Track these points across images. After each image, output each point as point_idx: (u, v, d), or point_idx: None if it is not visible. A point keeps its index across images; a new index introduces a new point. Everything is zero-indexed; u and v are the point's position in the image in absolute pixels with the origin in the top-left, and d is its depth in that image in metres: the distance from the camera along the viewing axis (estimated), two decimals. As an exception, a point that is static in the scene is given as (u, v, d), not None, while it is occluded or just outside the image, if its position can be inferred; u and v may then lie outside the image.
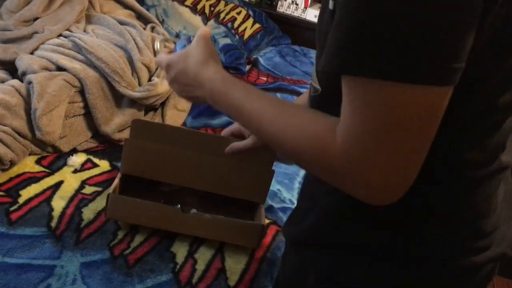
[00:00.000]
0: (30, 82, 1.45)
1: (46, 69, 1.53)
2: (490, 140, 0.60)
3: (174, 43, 0.94)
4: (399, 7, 0.43)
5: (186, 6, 2.53)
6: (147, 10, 2.27)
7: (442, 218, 0.62)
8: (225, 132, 1.06)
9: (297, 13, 2.74)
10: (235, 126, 1.04)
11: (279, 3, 2.76)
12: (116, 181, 1.20)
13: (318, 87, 0.65)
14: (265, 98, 0.63)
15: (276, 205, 1.41)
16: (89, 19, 1.89)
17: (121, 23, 1.89)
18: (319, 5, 2.79)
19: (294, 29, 2.75)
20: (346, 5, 0.47)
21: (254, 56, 2.50)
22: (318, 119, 0.55)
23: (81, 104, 1.53)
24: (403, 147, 0.48)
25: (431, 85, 0.45)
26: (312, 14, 2.71)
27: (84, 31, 1.79)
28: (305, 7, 2.71)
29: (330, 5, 0.55)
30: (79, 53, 1.61)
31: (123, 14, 2.04)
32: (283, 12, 2.77)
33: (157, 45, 0.93)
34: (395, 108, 0.46)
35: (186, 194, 1.28)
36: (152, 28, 2.02)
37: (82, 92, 1.53)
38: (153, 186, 1.27)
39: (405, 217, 0.61)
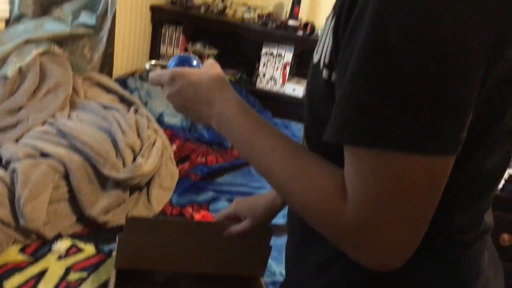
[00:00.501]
0: (14, 170, 1.45)
1: (31, 156, 1.54)
2: (478, 204, 0.61)
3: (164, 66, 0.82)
4: (411, 82, 0.45)
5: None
6: (131, 93, 2.34)
7: (433, 283, 0.62)
8: (218, 216, 1.03)
9: (275, 88, 2.84)
10: (229, 210, 1.02)
11: (258, 79, 2.86)
12: (112, 280, 1.16)
13: (309, 120, 0.66)
14: (279, 138, 0.61)
15: (267, 279, 1.39)
16: (73, 105, 1.94)
17: (105, 107, 1.94)
18: (296, 79, 2.91)
19: (274, 103, 2.84)
20: (354, 77, 0.48)
21: (237, 131, 2.55)
22: (329, 173, 0.55)
23: (66, 189, 1.53)
24: (411, 214, 0.49)
25: (441, 155, 0.47)
26: (290, 88, 2.81)
27: (69, 117, 1.83)
28: (283, 82, 2.82)
29: (324, 75, 0.56)
30: (63, 138, 1.64)
31: (106, 98, 2.10)
32: (262, 87, 2.87)
33: (148, 65, 0.87)
34: (404, 176, 0.47)
35: (181, 279, 1.25)
36: (136, 110, 2.07)
37: (66, 176, 1.54)
38: (146, 274, 1.24)
39: (396, 283, 0.61)
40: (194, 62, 0.77)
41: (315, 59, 0.62)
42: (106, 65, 2.38)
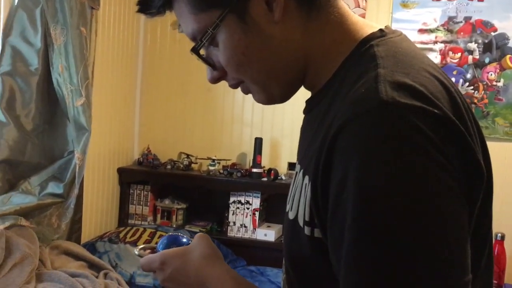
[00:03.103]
0: None
1: None
2: None
3: (153, 249, 0.79)
4: (407, 259, 0.47)
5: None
6: (100, 257, 2.29)
7: None
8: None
9: (247, 235, 2.85)
10: None
11: (229, 228, 2.88)
12: None
13: (291, 273, 0.66)
14: None
15: None
16: (40, 277, 1.88)
17: (73, 275, 1.88)
18: (267, 224, 2.94)
19: (247, 250, 2.82)
20: (352, 266, 0.49)
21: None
22: None
23: None
24: None
25: None
26: (262, 234, 2.82)
27: (34, 291, 1.76)
28: (254, 228, 2.84)
29: (307, 231, 0.58)
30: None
31: (75, 265, 2.05)
32: (234, 236, 2.87)
33: (137, 251, 0.83)
34: None
35: None
36: (105, 274, 2.01)
37: None
38: None
39: None
40: (184, 240, 0.76)
41: (291, 215, 0.64)
42: (74, 231, 2.36)
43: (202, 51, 0.66)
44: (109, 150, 2.85)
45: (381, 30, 0.63)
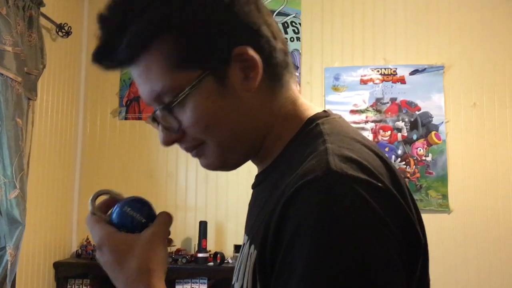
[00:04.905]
0: None
1: None
2: None
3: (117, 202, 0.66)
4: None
5: None
6: None
7: None
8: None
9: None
10: None
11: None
12: None
13: None
14: None
15: None
16: None
17: None
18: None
19: None
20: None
21: None
22: None
23: None
24: None
25: None
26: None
27: None
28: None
29: None
30: None
31: None
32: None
33: (90, 200, 0.71)
34: None
35: None
36: None
37: None
38: None
39: None
40: (137, 223, 0.65)
41: (236, 286, 0.65)
42: (4, 336, 2.15)
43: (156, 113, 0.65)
44: (44, 244, 2.69)
45: (324, 111, 0.69)
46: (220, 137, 0.65)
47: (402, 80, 2.87)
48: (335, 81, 2.94)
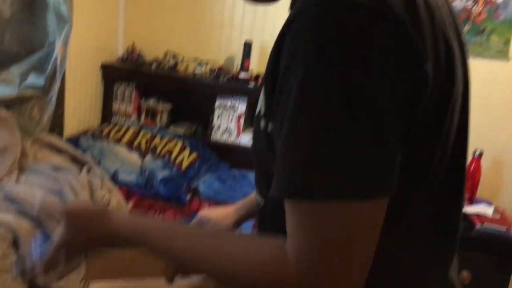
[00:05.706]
0: (-43, 242, 1.37)
1: (-24, 225, 1.47)
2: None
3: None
4: (339, 136, 0.48)
5: (122, 145, 2.59)
6: (83, 152, 2.29)
7: None
8: None
9: (231, 140, 2.86)
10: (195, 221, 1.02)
11: (213, 131, 2.88)
12: None
13: (260, 200, 0.67)
14: (194, 236, 0.62)
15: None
16: (22, 169, 1.88)
17: (56, 168, 1.89)
18: (251, 129, 2.93)
19: (230, 154, 2.85)
20: (287, 137, 0.50)
21: (194, 185, 2.53)
22: (262, 246, 0.56)
23: (14, 258, 1.45)
24: (356, 257, 0.51)
25: (377, 198, 0.50)
26: (245, 139, 2.84)
27: (17, 181, 1.77)
28: (238, 134, 2.85)
29: (262, 125, 0.59)
30: (12, 204, 1.57)
31: (57, 159, 2.05)
32: (218, 140, 2.88)
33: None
34: (346, 224, 0.49)
35: None
36: (89, 170, 2.02)
37: (15, 243, 1.46)
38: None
39: None
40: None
41: (257, 109, 0.65)
42: (57, 125, 2.34)
43: None
44: (92, 45, 2.74)
45: None
46: None
47: None
48: None
